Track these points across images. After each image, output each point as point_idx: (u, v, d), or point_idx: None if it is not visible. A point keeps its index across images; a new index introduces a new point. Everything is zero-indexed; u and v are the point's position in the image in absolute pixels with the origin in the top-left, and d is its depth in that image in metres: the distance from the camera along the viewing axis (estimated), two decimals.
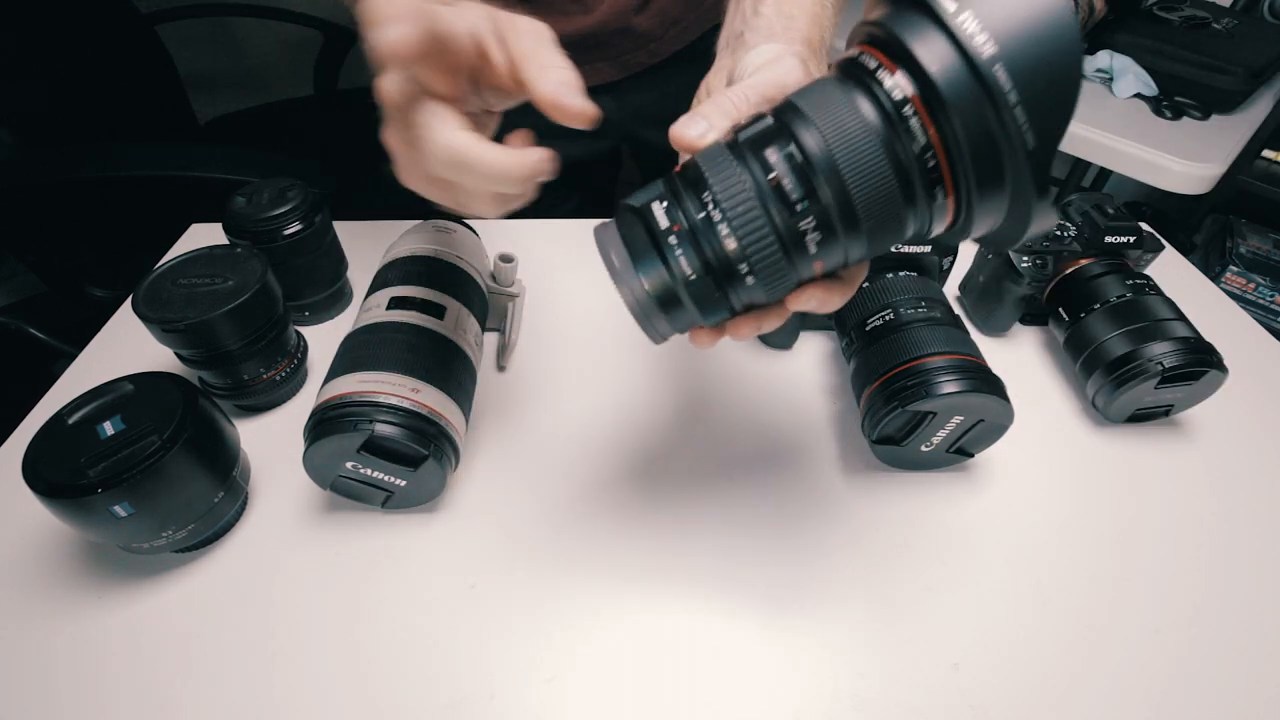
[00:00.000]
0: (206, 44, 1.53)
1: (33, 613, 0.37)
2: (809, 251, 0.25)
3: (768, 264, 0.25)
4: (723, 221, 0.24)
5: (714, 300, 0.26)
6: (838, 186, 0.23)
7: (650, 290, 0.26)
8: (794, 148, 0.24)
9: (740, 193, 0.24)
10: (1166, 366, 0.43)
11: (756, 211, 0.24)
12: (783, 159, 0.24)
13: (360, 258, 0.57)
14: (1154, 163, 0.99)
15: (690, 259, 0.25)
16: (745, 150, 0.25)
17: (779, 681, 0.35)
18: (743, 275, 0.25)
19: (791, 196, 0.24)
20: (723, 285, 0.26)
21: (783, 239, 0.24)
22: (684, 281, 0.25)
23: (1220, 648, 0.37)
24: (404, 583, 0.38)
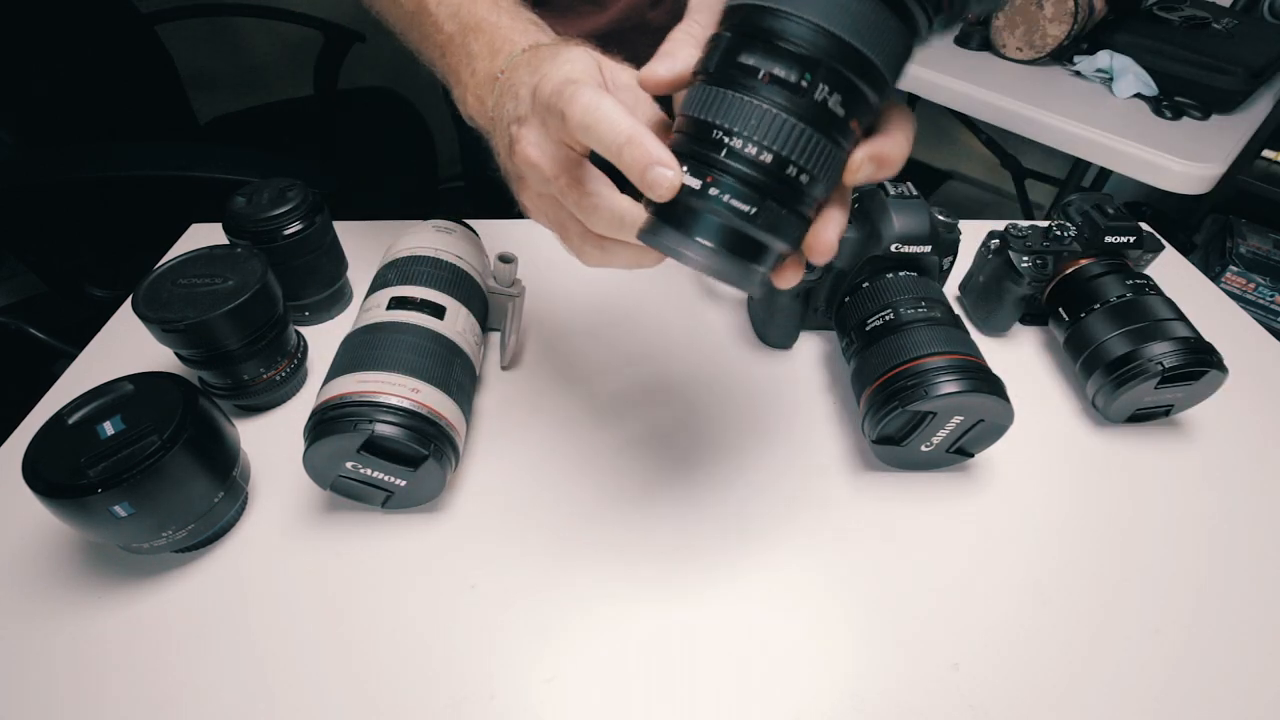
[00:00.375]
0: (206, 44, 1.53)
1: (33, 613, 0.37)
2: (839, 115, 0.24)
3: (810, 150, 0.24)
4: (746, 143, 0.23)
5: (784, 219, 0.25)
6: (826, 41, 0.23)
7: (720, 246, 0.25)
8: (763, 39, 0.23)
9: (742, 107, 0.23)
10: (1166, 366, 0.43)
11: (768, 111, 0.23)
12: (761, 55, 0.23)
13: (360, 258, 0.57)
14: (1154, 163, 0.99)
15: (740, 196, 0.24)
16: (721, 72, 0.24)
17: (779, 681, 0.35)
18: (796, 177, 0.24)
19: (791, 79, 0.23)
20: (785, 200, 0.24)
21: (807, 118, 0.23)
22: (748, 218, 0.24)
23: (1220, 648, 0.37)
24: (404, 583, 0.38)
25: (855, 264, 0.48)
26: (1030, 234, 0.52)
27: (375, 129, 1.38)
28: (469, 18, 0.37)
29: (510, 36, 0.34)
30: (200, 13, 1.37)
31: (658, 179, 0.24)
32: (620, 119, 0.25)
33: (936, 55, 1.23)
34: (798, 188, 0.24)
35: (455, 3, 0.38)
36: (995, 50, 1.23)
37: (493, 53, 0.35)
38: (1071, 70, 1.18)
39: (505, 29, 0.35)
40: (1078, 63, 1.17)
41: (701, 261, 0.25)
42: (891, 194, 0.47)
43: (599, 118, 0.25)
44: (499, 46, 0.34)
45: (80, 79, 1.11)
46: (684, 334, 0.55)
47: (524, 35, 0.34)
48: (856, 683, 0.35)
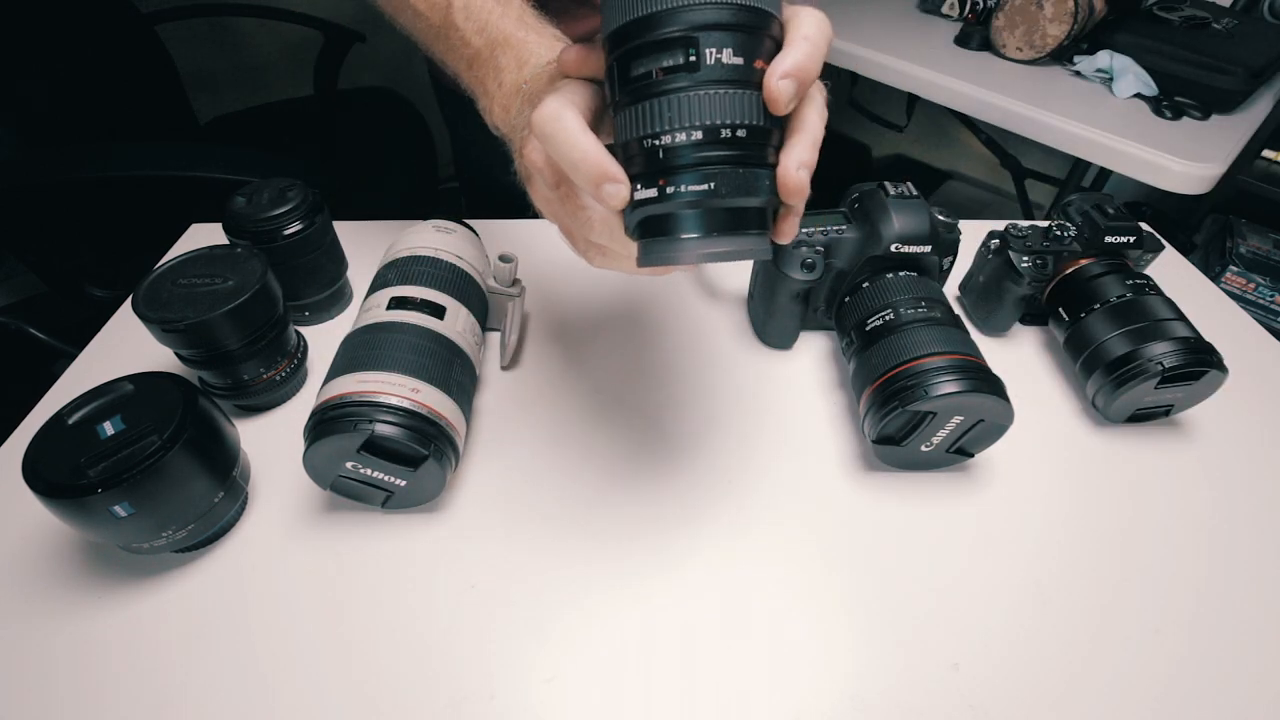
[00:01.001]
0: (206, 44, 1.53)
1: (33, 613, 0.37)
2: (739, 64, 0.25)
3: (728, 107, 0.25)
4: (674, 134, 0.25)
5: (746, 176, 0.25)
6: (688, 14, 0.24)
7: (705, 232, 0.26)
8: (637, 46, 0.25)
9: (654, 108, 0.25)
10: (1166, 366, 0.43)
11: (674, 98, 0.24)
12: (643, 59, 0.25)
13: (360, 258, 0.57)
14: (1154, 163, 0.99)
15: (694, 179, 0.25)
16: (625, 94, 0.26)
17: (779, 681, 0.35)
18: (733, 137, 0.25)
19: (678, 62, 0.24)
20: (737, 160, 0.25)
21: (710, 82, 0.24)
22: (711, 194, 0.25)
23: (1220, 648, 0.37)
24: (404, 583, 0.38)
25: (855, 264, 0.48)
26: (1030, 234, 0.52)
27: (375, 129, 1.38)
28: (497, 33, 0.38)
29: (536, 50, 0.36)
30: (200, 13, 1.37)
31: (609, 194, 0.25)
32: (577, 136, 0.26)
33: (936, 55, 1.23)
34: (741, 143, 0.25)
35: (482, 18, 0.39)
36: (995, 50, 1.23)
37: (519, 65, 0.36)
38: (1071, 70, 1.18)
39: (532, 44, 0.36)
40: (1078, 63, 1.17)
41: (698, 253, 0.26)
42: (891, 194, 0.48)
43: (556, 130, 0.26)
44: (525, 59, 0.36)
45: (80, 79, 1.11)
46: (684, 334, 0.55)
47: (549, 49, 0.36)
48: (856, 683, 0.35)
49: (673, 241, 0.26)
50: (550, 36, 0.37)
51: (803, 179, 0.27)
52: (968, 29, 1.26)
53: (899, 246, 0.47)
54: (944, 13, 1.37)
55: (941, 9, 1.37)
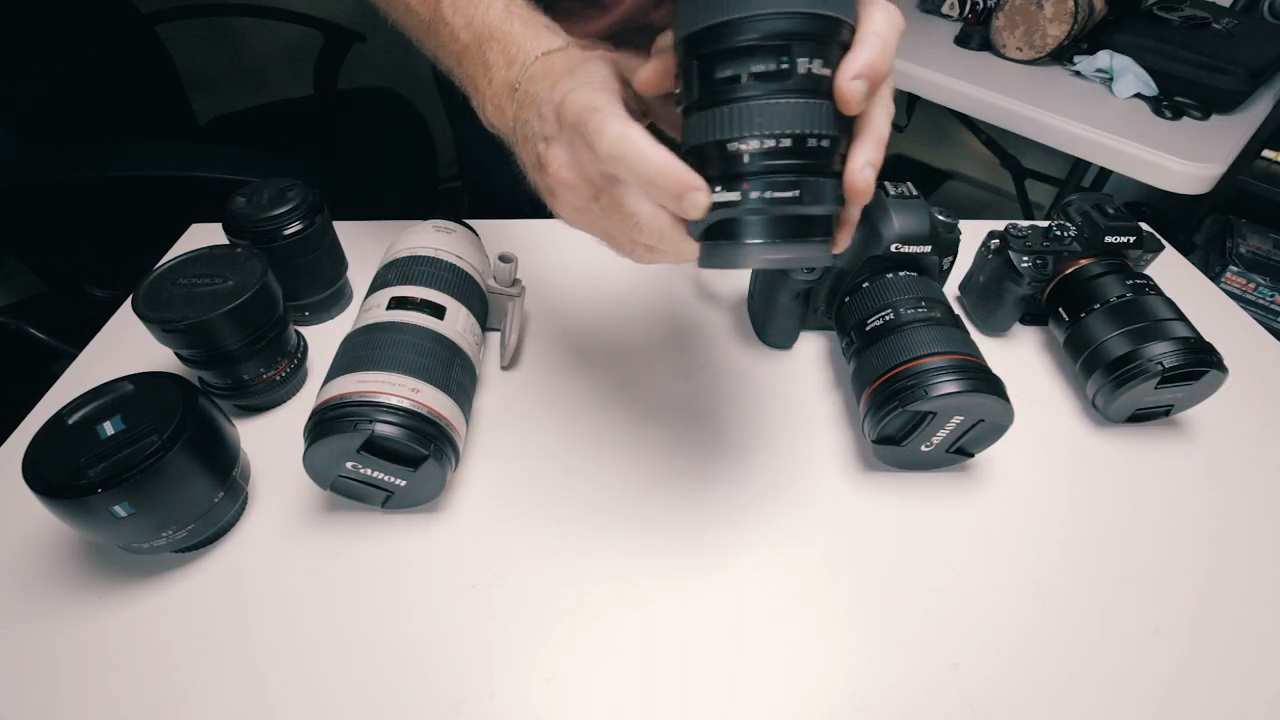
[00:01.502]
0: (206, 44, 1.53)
1: (33, 613, 0.37)
2: (827, 75, 0.25)
3: (818, 116, 0.25)
4: (763, 140, 0.25)
5: (823, 185, 0.26)
6: (783, 22, 0.24)
7: (775, 238, 0.26)
8: (728, 49, 0.25)
9: (742, 113, 0.25)
10: (1166, 366, 0.43)
11: (766, 104, 0.25)
12: (734, 62, 0.25)
13: (360, 258, 0.57)
14: (1154, 163, 0.99)
15: (779, 186, 0.25)
16: (707, 95, 0.26)
17: (779, 681, 0.35)
18: (818, 145, 0.25)
19: (771, 69, 0.24)
20: (818, 169, 0.26)
21: (802, 92, 0.25)
22: (795, 201, 0.25)
23: (1220, 648, 0.37)
24: (404, 583, 0.38)
25: (855, 264, 0.48)
26: (1030, 234, 0.52)
27: (375, 129, 1.38)
28: (483, 27, 0.37)
29: (524, 44, 0.35)
30: (200, 13, 1.37)
31: (692, 203, 0.25)
32: (648, 150, 0.26)
33: (936, 55, 1.23)
34: (823, 152, 0.26)
35: (469, 12, 0.38)
36: (995, 50, 1.23)
37: (508, 62, 0.35)
38: (1071, 70, 1.18)
39: (519, 36, 0.35)
40: (1078, 63, 1.17)
41: (764, 257, 0.26)
42: (891, 194, 0.47)
43: (627, 149, 0.26)
44: (514, 55, 0.35)
45: (80, 79, 1.11)
46: (684, 334, 0.55)
47: (537, 42, 0.35)
48: (856, 683, 0.35)
49: (740, 247, 0.26)
50: (539, 26, 0.36)
51: (869, 178, 0.27)
52: (968, 29, 1.26)
53: (899, 246, 0.47)
54: (944, 13, 1.37)
55: (941, 9, 1.37)
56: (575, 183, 0.29)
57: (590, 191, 0.29)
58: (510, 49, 0.35)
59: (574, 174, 0.29)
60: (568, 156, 0.29)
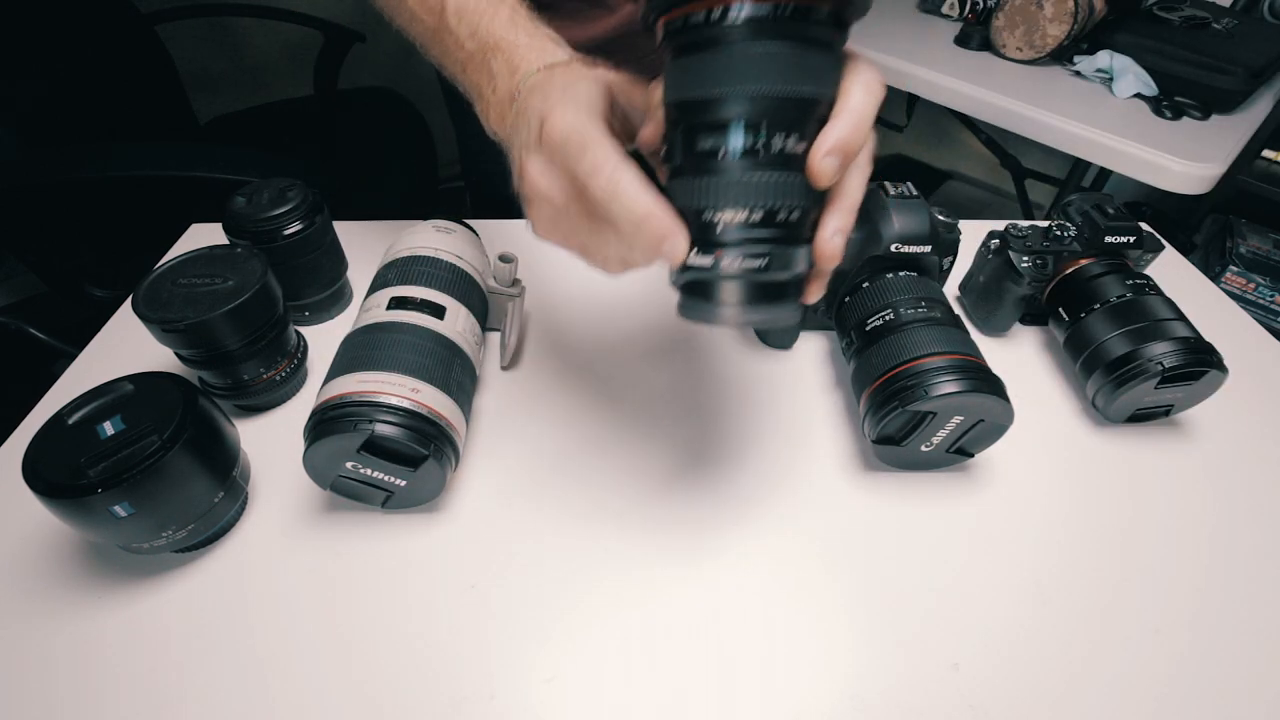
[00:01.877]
0: (206, 44, 1.53)
1: (33, 613, 0.37)
2: (799, 152, 0.26)
3: (789, 190, 0.26)
4: (735, 213, 0.26)
5: (792, 253, 0.27)
6: (762, 103, 0.25)
7: (747, 303, 0.28)
8: (709, 123, 0.26)
9: (718, 186, 0.26)
10: (1166, 366, 0.43)
11: (740, 180, 0.26)
12: (713, 137, 0.26)
13: (360, 258, 0.57)
14: (1154, 163, 0.99)
15: (750, 255, 0.27)
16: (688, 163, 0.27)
17: (779, 681, 0.35)
18: (789, 218, 0.27)
19: (747, 146, 0.25)
20: (788, 239, 0.27)
21: (775, 167, 0.26)
22: (763, 270, 0.27)
23: (1220, 648, 0.37)
24: (404, 583, 0.38)
25: (855, 264, 0.48)
26: (1030, 234, 0.52)
27: (375, 129, 1.38)
28: (488, 36, 0.37)
29: (527, 56, 0.35)
30: (200, 13, 1.37)
31: (671, 251, 0.27)
32: (638, 196, 0.27)
33: (936, 55, 1.23)
34: (794, 224, 0.27)
35: (474, 21, 0.38)
36: (995, 50, 1.23)
37: (511, 71, 0.36)
38: (1071, 70, 1.18)
39: (523, 48, 0.36)
40: (1078, 63, 1.17)
41: (737, 320, 0.28)
42: (891, 194, 0.48)
43: (618, 193, 0.27)
44: (517, 65, 0.35)
45: (80, 79, 1.11)
46: (684, 334, 0.55)
47: (539, 55, 0.35)
48: (856, 683, 0.35)
49: (715, 307, 0.28)
50: (543, 38, 0.37)
51: (838, 245, 0.28)
52: (968, 29, 1.26)
53: (899, 246, 0.47)
54: (944, 13, 1.37)
55: (941, 9, 1.37)
56: (549, 193, 0.30)
57: (562, 202, 0.30)
58: (514, 59, 0.36)
59: (547, 184, 0.30)
60: (543, 168, 0.30)
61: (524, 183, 0.31)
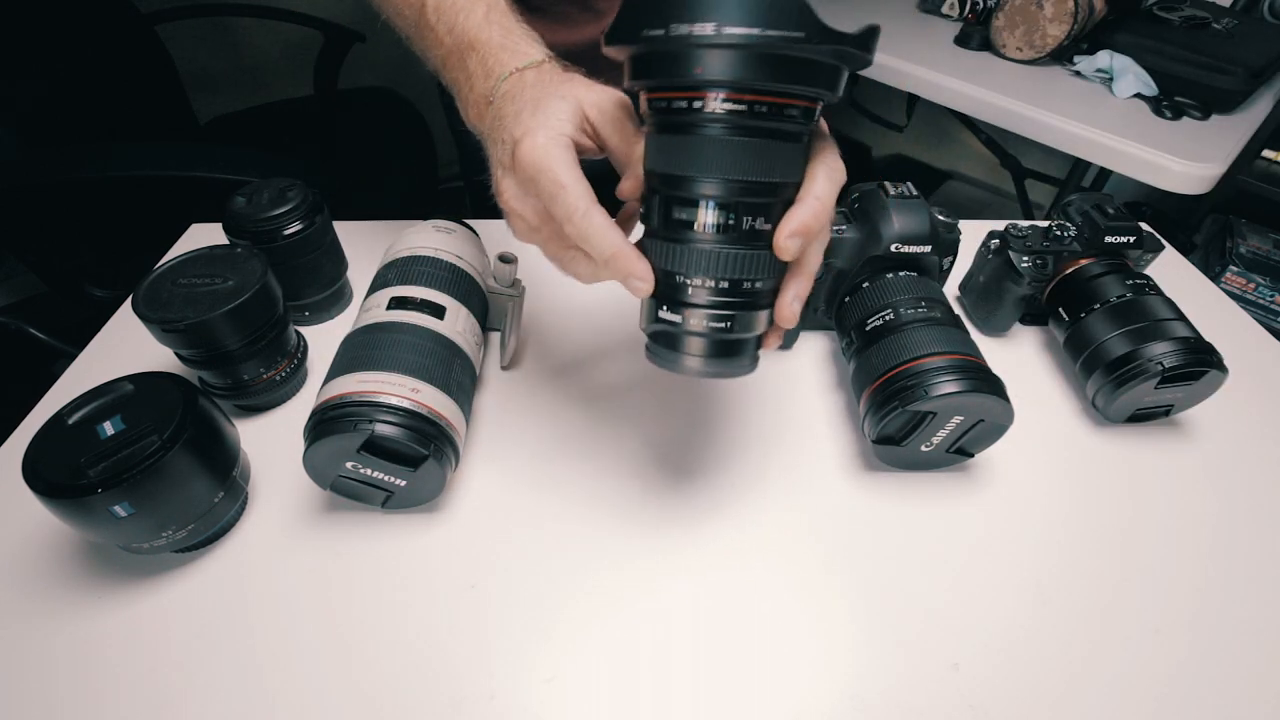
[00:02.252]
0: (206, 44, 1.53)
1: (33, 613, 0.37)
2: (766, 230, 0.29)
3: (754, 264, 0.29)
4: (705, 279, 0.29)
5: (753, 317, 0.31)
6: (736, 186, 0.28)
7: (708, 357, 0.31)
8: (687, 199, 0.29)
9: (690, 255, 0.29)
10: (1166, 366, 0.43)
11: (710, 252, 0.29)
12: (689, 210, 0.29)
13: (360, 258, 0.57)
14: (1154, 163, 0.99)
15: (714, 318, 0.30)
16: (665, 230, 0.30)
17: (779, 681, 0.35)
18: (752, 287, 0.30)
19: (719, 222, 0.28)
20: (749, 305, 0.30)
21: (742, 244, 0.29)
22: (724, 330, 0.30)
23: (1220, 648, 0.37)
24: (404, 583, 0.38)
25: (855, 264, 0.48)
26: (1030, 234, 0.52)
27: (375, 129, 1.38)
28: (464, 34, 0.38)
29: (500, 57, 0.36)
30: (200, 13, 1.37)
31: (634, 288, 0.30)
32: (608, 235, 0.30)
33: (937, 55, 1.23)
34: (755, 293, 0.30)
35: (451, 18, 0.38)
36: (995, 50, 1.23)
37: (486, 73, 0.36)
38: (1071, 70, 1.18)
39: (497, 48, 0.36)
40: (1078, 63, 1.17)
41: (699, 370, 0.31)
42: (891, 194, 0.48)
43: (590, 232, 0.30)
44: (490, 67, 0.36)
45: (80, 79, 1.11)
46: None
47: (514, 55, 0.36)
48: (856, 683, 0.35)
49: (680, 356, 0.31)
50: (519, 37, 0.37)
51: (796, 310, 0.31)
52: (968, 29, 1.26)
53: (899, 246, 0.47)
54: (944, 13, 1.37)
55: (941, 9, 1.37)
56: (523, 213, 0.33)
57: (535, 222, 0.33)
58: (488, 60, 0.36)
59: (520, 206, 0.33)
60: (517, 192, 0.33)
61: (500, 199, 0.33)
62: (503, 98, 0.34)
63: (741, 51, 0.25)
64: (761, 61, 0.25)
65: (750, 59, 0.25)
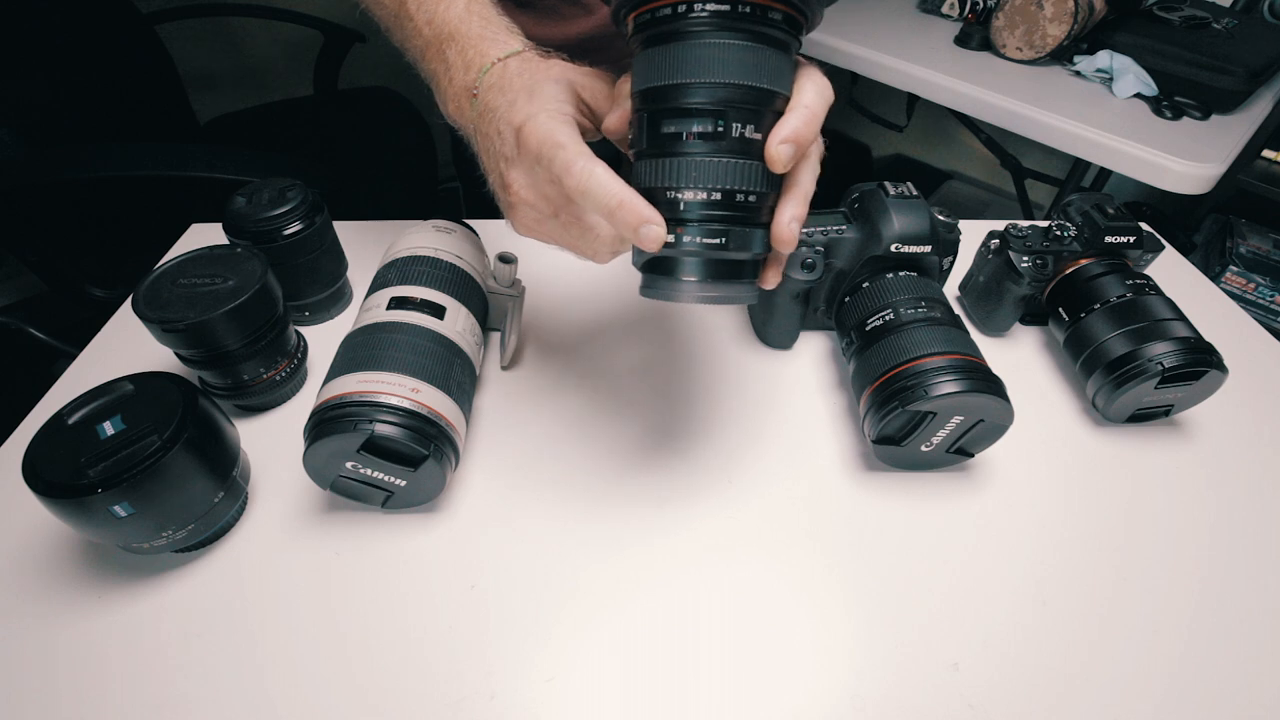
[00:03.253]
0: (206, 44, 1.53)
1: (33, 613, 0.37)
2: (758, 139, 0.28)
3: (746, 174, 0.28)
4: (696, 192, 0.28)
5: (750, 234, 0.29)
6: (724, 91, 0.27)
7: (705, 278, 0.30)
8: (674, 108, 0.28)
9: (679, 166, 0.28)
10: (1166, 366, 0.43)
11: (702, 161, 0.28)
12: (677, 120, 0.28)
13: (360, 258, 0.57)
14: (1154, 163, 0.99)
15: (708, 233, 0.28)
16: (652, 145, 0.29)
17: (779, 681, 0.35)
18: (746, 200, 0.29)
19: (709, 130, 0.28)
20: (744, 220, 0.29)
21: (734, 153, 0.28)
22: (721, 247, 0.29)
23: (1220, 648, 0.37)
24: (404, 583, 0.38)
25: (855, 264, 0.48)
26: (1030, 234, 0.52)
27: (375, 129, 1.38)
28: (443, 26, 0.38)
29: (481, 48, 0.36)
30: (200, 13, 1.37)
31: (647, 235, 0.28)
32: (611, 186, 0.29)
33: (937, 55, 1.23)
34: (751, 206, 0.29)
35: (431, 8, 0.38)
36: (995, 50, 1.23)
37: (466, 65, 0.36)
38: (1071, 70, 1.18)
39: (476, 38, 0.36)
40: (1078, 63, 1.17)
41: (696, 295, 0.30)
42: (891, 194, 0.47)
43: (592, 186, 0.29)
44: (471, 59, 0.36)
45: (80, 79, 1.11)
46: (684, 334, 0.55)
47: (494, 45, 0.36)
48: (856, 683, 0.35)
49: (675, 283, 0.30)
50: (499, 28, 0.37)
51: (794, 231, 0.30)
52: (968, 29, 1.26)
53: (899, 246, 0.47)
54: (944, 13, 1.37)
55: (941, 9, 1.37)
56: (535, 202, 0.32)
57: (550, 209, 0.32)
58: (468, 52, 0.36)
59: (534, 195, 0.32)
60: (528, 179, 0.32)
61: (508, 193, 0.33)
62: (489, 89, 0.34)
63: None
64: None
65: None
